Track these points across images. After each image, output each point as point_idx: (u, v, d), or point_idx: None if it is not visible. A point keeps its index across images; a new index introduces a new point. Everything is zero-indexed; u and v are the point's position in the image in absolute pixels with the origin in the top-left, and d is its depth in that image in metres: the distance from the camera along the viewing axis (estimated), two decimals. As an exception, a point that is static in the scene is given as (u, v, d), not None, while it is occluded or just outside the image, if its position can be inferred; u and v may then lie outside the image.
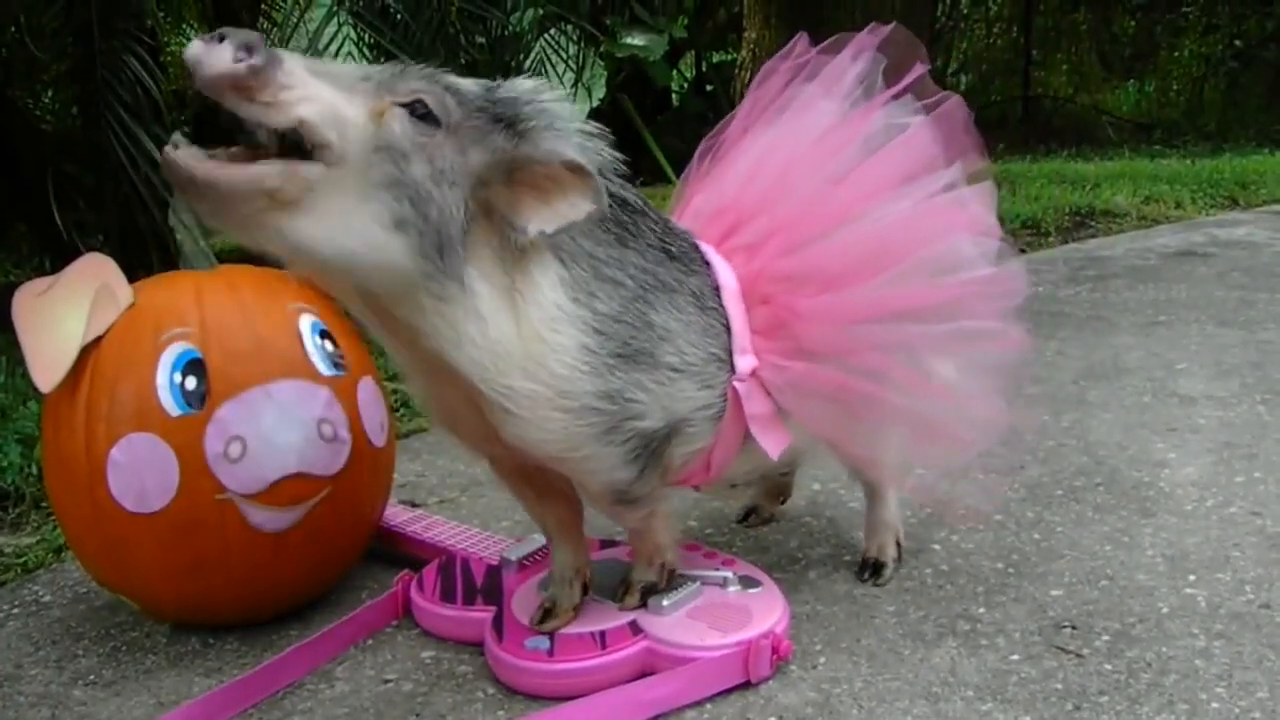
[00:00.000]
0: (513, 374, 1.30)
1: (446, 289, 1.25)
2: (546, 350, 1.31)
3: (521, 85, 1.33)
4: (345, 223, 1.19)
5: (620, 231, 1.41)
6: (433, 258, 1.23)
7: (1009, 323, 1.63)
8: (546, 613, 1.56)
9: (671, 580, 1.61)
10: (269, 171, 1.15)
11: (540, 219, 1.27)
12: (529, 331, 1.30)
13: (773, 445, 1.55)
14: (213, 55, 1.11)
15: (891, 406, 1.57)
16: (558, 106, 1.32)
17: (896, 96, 1.66)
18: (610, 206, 1.35)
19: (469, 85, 1.30)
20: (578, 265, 1.35)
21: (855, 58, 1.71)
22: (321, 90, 1.17)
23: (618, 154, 1.39)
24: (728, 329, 1.52)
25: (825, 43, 1.76)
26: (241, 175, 1.14)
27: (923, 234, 1.59)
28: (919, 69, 1.67)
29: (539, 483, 1.56)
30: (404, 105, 1.22)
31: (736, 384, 1.52)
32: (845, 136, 1.64)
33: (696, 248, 1.56)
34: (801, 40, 1.79)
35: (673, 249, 1.49)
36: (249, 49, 1.10)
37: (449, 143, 1.25)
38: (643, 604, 1.58)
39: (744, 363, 1.53)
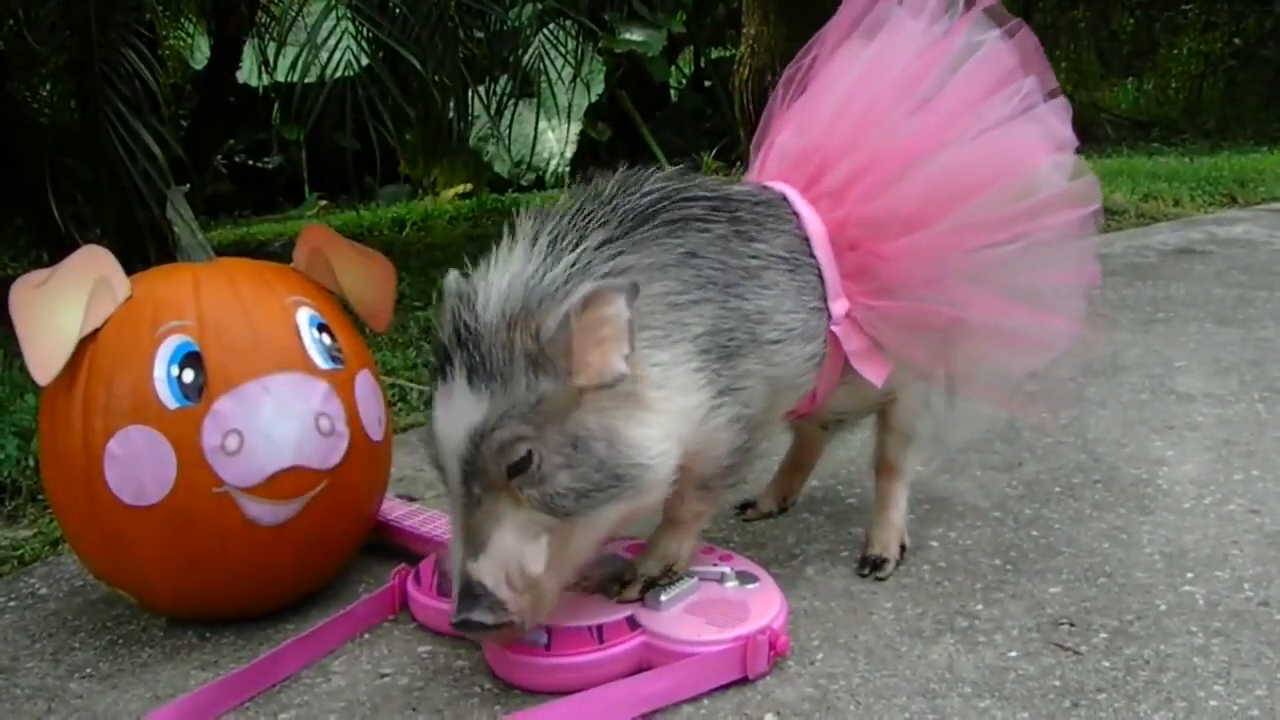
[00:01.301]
0: (679, 436, 1.44)
1: (641, 478, 1.40)
2: (672, 401, 1.43)
3: (491, 304, 1.38)
4: (583, 546, 1.42)
5: (680, 245, 1.49)
6: (625, 484, 1.39)
7: (1084, 234, 1.69)
8: (624, 583, 1.61)
9: (668, 572, 1.62)
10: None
11: (613, 356, 1.35)
12: (657, 403, 1.42)
13: (875, 374, 1.68)
14: (502, 638, 1.43)
15: (977, 327, 1.66)
16: (525, 281, 1.40)
17: (976, 14, 1.72)
18: (651, 233, 1.47)
19: (488, 401, 1.34)
20: (657, 315, 1.44)
21: None
22: (503, 550, 1.35)
23: (618, 179, 1.52)
24: (821, 276, 1.62)
25: None
26: (526, 603, 1.37)
27: (1001, 163, 1.66)
28: None
29: None
30: (511, 477, 1.34)
31: (834, 328, 1.64)
32: (932, 59, 1.70)
33: (778, 201, 1.65)
34: None
35: (747, 227, 1.57)
36: (489, 626, 1.35)
37: (547, 437, 1.35)
38: (640, 598, 1.58)
39: (838, 307, 1.64)
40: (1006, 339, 1.71)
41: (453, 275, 1.45)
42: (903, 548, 1.84)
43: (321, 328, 1.74)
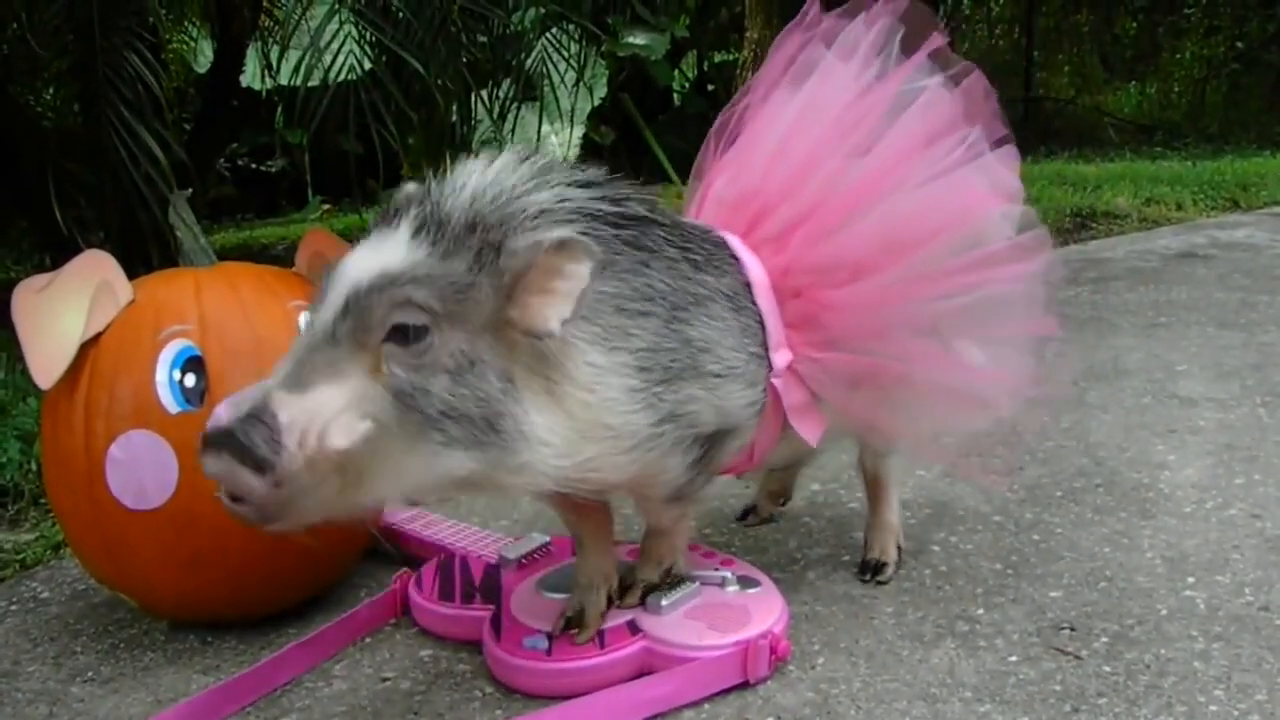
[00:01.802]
0: (584, 450, 1.30)
1: (514, 454, 1.24)
2: (597, 412, 1.30)
3: (471, 188, 1.28)
4: (408, 469, 1.20)
5: (637, 254, 1.38)
6: (492, 441, 1.22)
7: (1035, 285, 1.63)
8: (569, 621, 1.54)
9: (666, 576, 1.61)
10: (326, 473, 1.14)
11: (556, 309, 1.23)
12: (576, 406, 1.29)
13: (811, 433, 1.59)
14: (240, 484, 1.12)
15: (922, 383, 1.60)
16: (502, 186, 1.29)
17: (917, 62, 1.66)
18: (615, 235, 1.34)
19: (419, 256, 1.23)
20: (603, 315, 1.32)
21: (871, 24, 1.71)
22: (322, 402, 1.15)
23: (592, 176, 1.38)
24: (762, 324, 1.53)
25: (840, 8, 1.75)
26: (301, 480, 1.13)
27: (948, 213, 1.59)
28: (937, 38, 1.68)
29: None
30: (387, 339, 1.18)
31: (774, 380, 1.54)
32: (867, 106, 1.64)
33: (723, 244, 1.55)
34: (814, 6, 1.78)
35: (696, 256, 1.46)
36: (247, 451, 1.10)
37: (448, 333, 1.21)
38: (641, 603, 1.57)
39: (780, 358, 1.54)
40: (952, 397, 1.64)
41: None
42: (899, 548, 1.84)
43: (323, 332, 1.73)
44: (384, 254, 1.23)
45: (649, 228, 1.42)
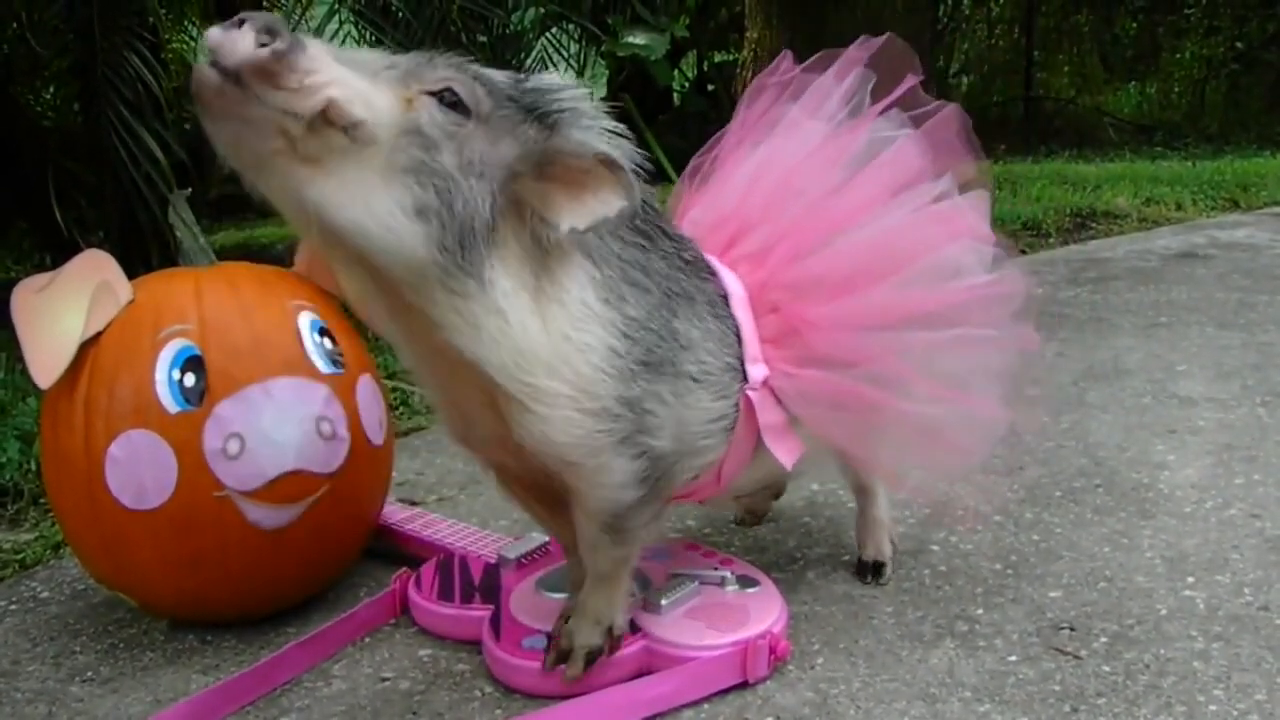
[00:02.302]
0: (536, 371, 1.26)
1: (465, 284, 1.20)
2: (572, 350, 1.28)
3: (549, 79, 1.29)
4: (364, 197, 1.14)
5: (645, 235, 1.39)
6: (453, 251, 1.18)
7: (1011, 327, 1.61)
8: (562, 654, 1.49)
9: (616, 644, 1.51)
10: (296, 115, 1.09)
11: (572, 215, 1.23)
12: (555, 330, 1.27)
13: (786, 455, 1.55)
14: (234, 41, 1.05)
15: (899, 412, 1.57)
16: (586, 103, 1.29)
17: (884, 111, 1.65)
18: (639, 209, 1.34)
19: (498, 76, 1.26)
20: (607, 266, 1.32)
21: (841, 76, 1.70)
22: (348, 74, 1.12)
23: (641, 153, 1.35)
24: (739, 337, 1.51)
25: (811, 60, 1.74)
26: (268, 102, 1.07)
27: (925, 240, 1.58)
28: (910, 80, 1.66)
29: (549, 498, 1.52)
30: (433, 94, 1.18)
31: (750, 392, 1.50)
32: (832, 155, 1.63)
33: (702, 256, 1.54)
34: (787, 59, 1.78)
35: (687, 255, 1.47)
36: (271, 33, 1.06)
37: (479, 133, 1.20)
38: (585, 669, 1.48)
39: (756, 371, 1.51)
40: (932, 433, 1.62)
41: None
42: (893, 545, 1.84)
43: (323, 332, 1.74)
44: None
45: (653, 216, 1.43)
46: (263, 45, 1.05)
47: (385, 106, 1.14)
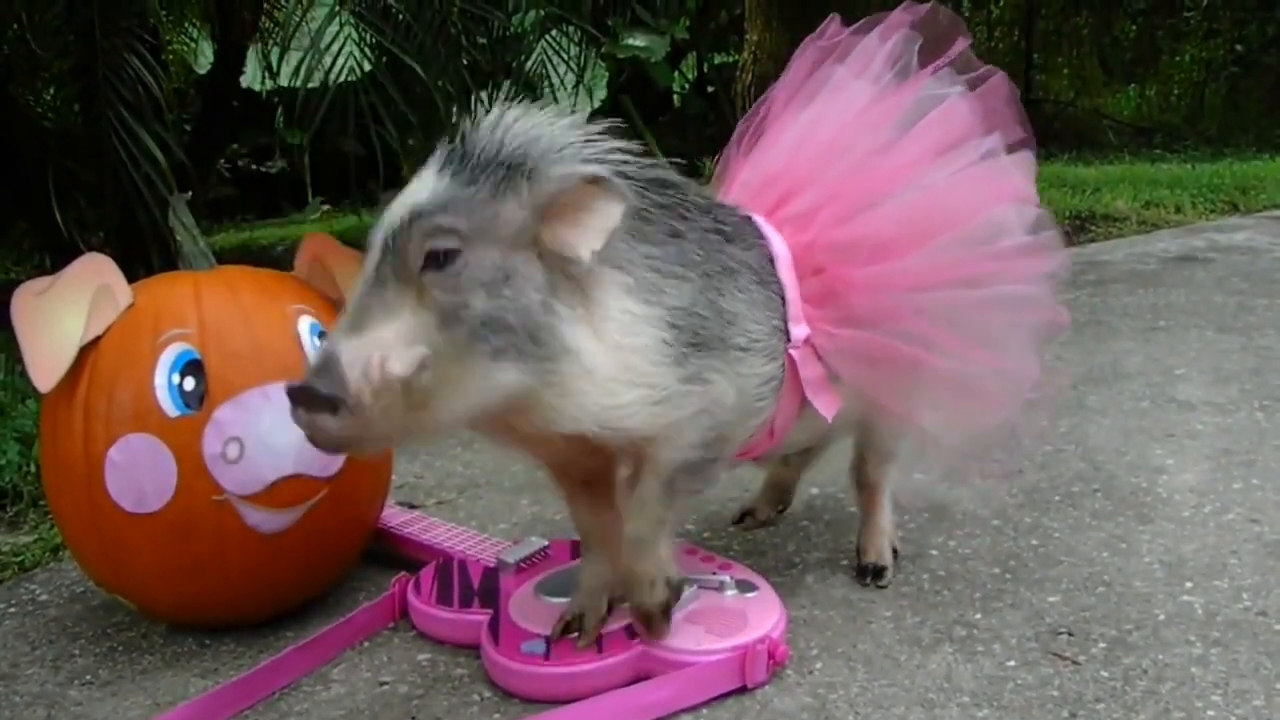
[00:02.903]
0: (618, 391, 1.34)
1: (557, 365, 1.30)
2: (629, 354, 1.35)
3: (503, 126, 1.33)
4: (465, 385, 1.27)
5: (670, 222, 1.43)
6: (535, 354, 1.28)
7: (1047, 287, 1.67)
8: (568, 625, 1.55)
9: (678, 592, 1.54)
10: (395, 403, 1.24)
11: (586, 241, 1.29)
12: (611, 343, 1.34)
13: (826, 407, 1.61)
14: (322, 431, 1.24)
15: (934, 368, 1.61)
16: (546, 129, 1.34)
17: (934, 72, 1.69)
18: (650, 200, 1.40)
19: (450, 186, 1.30)
20: (639, 269, 1.38)
21: (886, 38, 1.74)
22: (377, 340, 1.24)
23: (634, 146, 1.41)
24: (784, 299, 1.57)
25: (858, 24, 1.79)
26: (371, 410, 1.22)
27: (967, 203, 1.63)
28: (961, 43, 1.71)
29: (599, 493, 1.56)
30: (425, 267, 1.26)
31: (792, 351, 1.57)
32: (880, 114, 1.67)
33: (749, 220, 1.60)
34: (834, 21, 1.82)
35: (726, 228, 1.52)
36: (326, 398, 1.21)
37: (479, 250, 1.27)
38: (664, 626, 1.53)
39: (798, 331, 1.58)
40: (966, 389, 1.65)
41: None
42: (895, 551, 1.85)
43: (323, 335, 1.74)
44: (413, 193, 1.31)
45: (682, 194, 1.48)
46: (326, 397, 1.21)
47: (416, 325, 1.25)
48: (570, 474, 1.58)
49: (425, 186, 1.31)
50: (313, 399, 1.22)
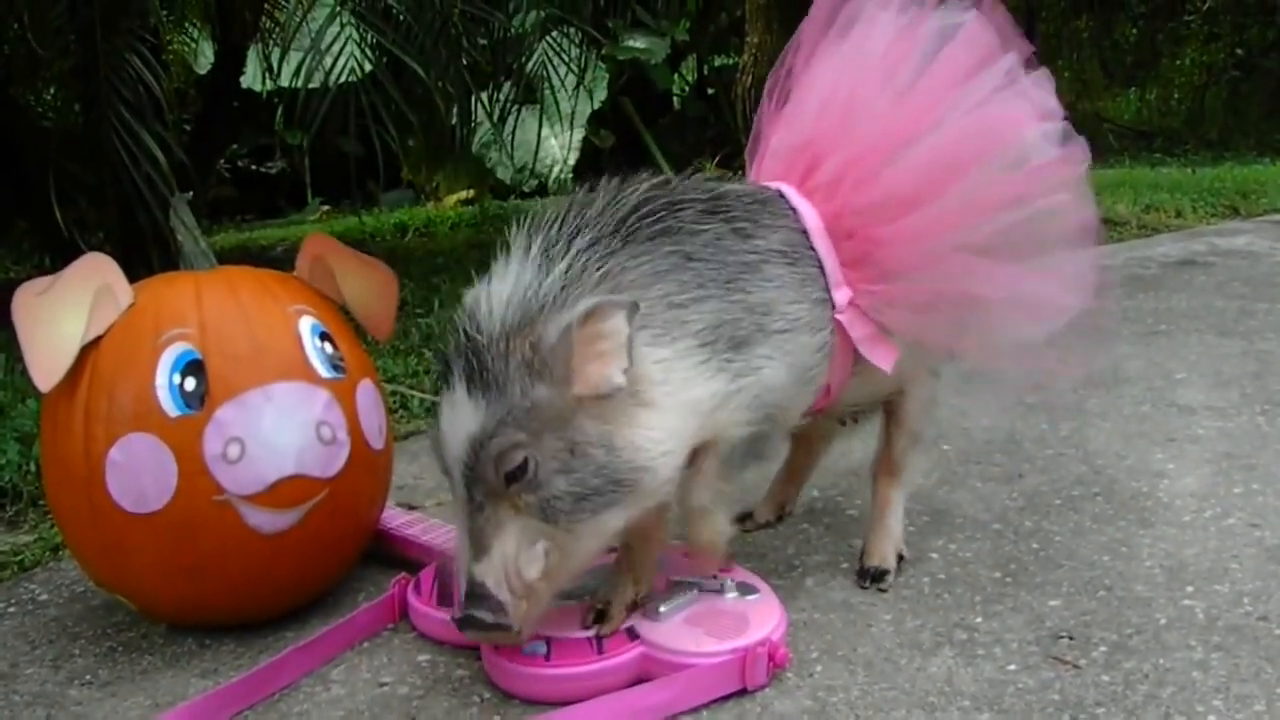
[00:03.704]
0: (685, 428, 1.45)
1: (643, 482, 1.41)
2: (678, 394, 1.43)
3: (480, 317, 1.41)
4: (583, 549, 1.42)
5: (673, 249, 1.49)
6: (624, 490, 1.39)
7: (1077, 196, 1.68)
8: (600, 614, 1.57)
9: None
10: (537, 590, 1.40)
11: (611, 368, 1.36)
12: (661, 399, 1.42)
13: (884, 360, 1.67)
14: (498, 639, 1.46)
15: (980, 300, 1.65)
16: (523, 290, 1.41)
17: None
18: (649, 238, 1.47)
19: (483, 410, 1.37)
20: (656, 315, 1.44)
21: None
22: (503, 556, 1.37)
23: (587, 204, 1.51)
24: (822, 269, 1.63)
25: None
26: (525, 606, 1.39)
27: (990, 137, 1.66)
28: None
29: None
30: (508, 485, 1.36)
31: (839, 316, 1.64)
32: (906, 47, 1.70)
33: (778, 197, 1.67)
34: None
35: (743, 223, 1.57)
36: (488, 625, 1.37)
37: (542, 444, 1.36)
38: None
39: (840, 296, 1.64)
40: (1019, 306, 1.68)
41: (468, 291, 1.47)
42: (900, 557, 1.84)
43: (323, 336, 1.74)
44: (461, 422, 1.38)
45: (679, 211, 1.52)
46: (495, 625, 1.38)
47: (525, 534, 1.38)
48: None
49: (465, 411, 1.38)
50: (483, 627, 1.38)
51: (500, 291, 1.42)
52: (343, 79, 4.07)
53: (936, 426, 1.88)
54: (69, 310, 1.65)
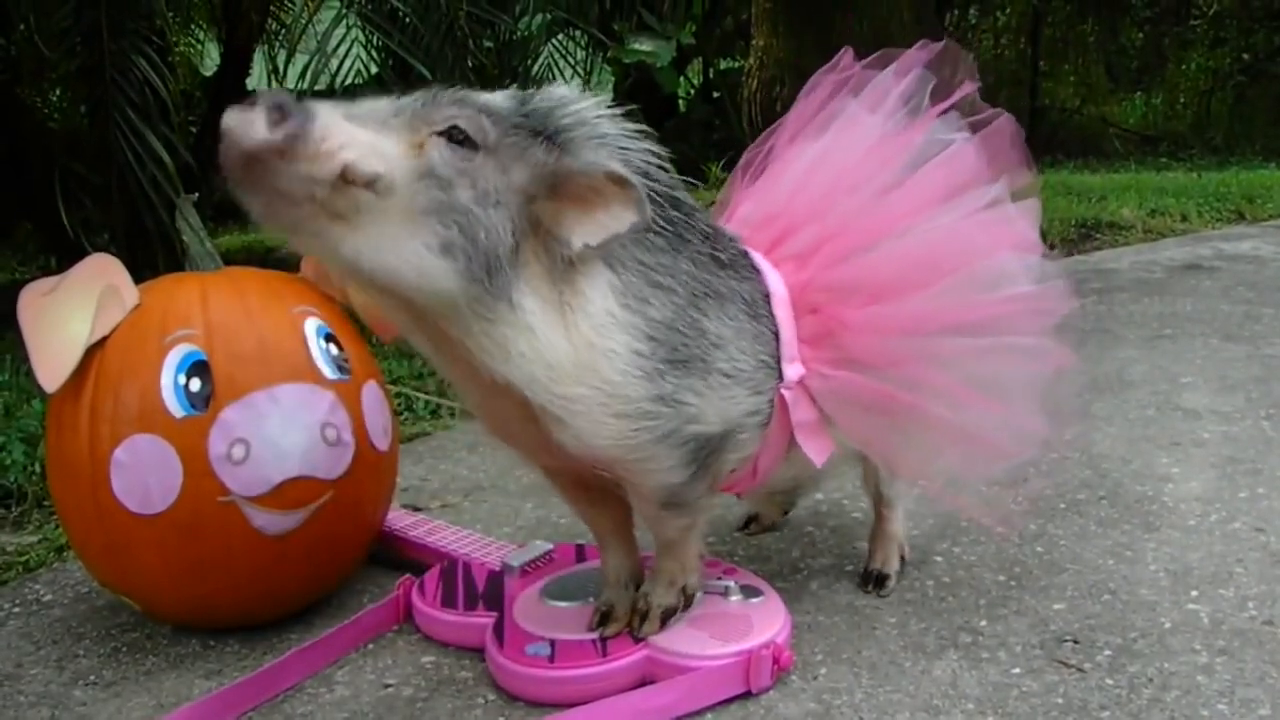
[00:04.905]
0: (566, 382, 1.30)
1: (495, 309, 1.26)
2: (598, 356, 1.31)
3: (556, 94, 1.35)
4: (394, 245, 1.21)
5: (672, 236, 1.41)
6: (481, 280, 1.24)
7: (1051, 339, 1.63)
8: (604, 616, 1.57)
9: (689, 601, 1.58)
10: (317, 181, 1.16)
11: (584, 232, 1.28)
12: (580, 340, 1.30)
13: (817, 453, 1.57)
14: (248, 125, 1.13)
15: (933, 417, 1.58)
16: (596, 113, 1.34)
17: (942, 114, 1.67)
18: (661, 213, 1.37)
19: (502, 101, 1.31)
20: (628, 272, 1.35)
21: (901, 74, 1.72)
22: (358, 133, 1.19)
23: (662, 153, 1.40)
24: (776, 336, 1.54)
25: (872, 57, 1.77)
26: (289, 174, 1.15)
27: (969, 248, 1.60)
28: (968, 87, 1.69)
29: (594, 488, 1.57)
30: (441, 134, 1.23)
31: (784, 391, 1.53)
32: (890, 152, 1.64)
33: (746, 254, 1.57)
34: (847, 54, 1.80)
35: (722, 256, 1.49)
36: (281, 110, 1.13)
37: (490, 164, 1.26)
38: (661, 628, 1.55)
39: (791, 370, 1.54)
40: (963, 437, 1.62)
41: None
42: (902, 559, 1.84)
43: (329, 338, 1.74)
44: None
45: (690, 218, 1.45)
46: (275, 122, 1.13)
47: (397, 155, 1.21)
48: (566, 478, 1.59)
49: (486, 95, 1.32)
50: (273, 107, 1.13)
51: (574, 95, 1.37)
52: (348, 81, 4.08)
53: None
54: (75, 311, 1.65)
